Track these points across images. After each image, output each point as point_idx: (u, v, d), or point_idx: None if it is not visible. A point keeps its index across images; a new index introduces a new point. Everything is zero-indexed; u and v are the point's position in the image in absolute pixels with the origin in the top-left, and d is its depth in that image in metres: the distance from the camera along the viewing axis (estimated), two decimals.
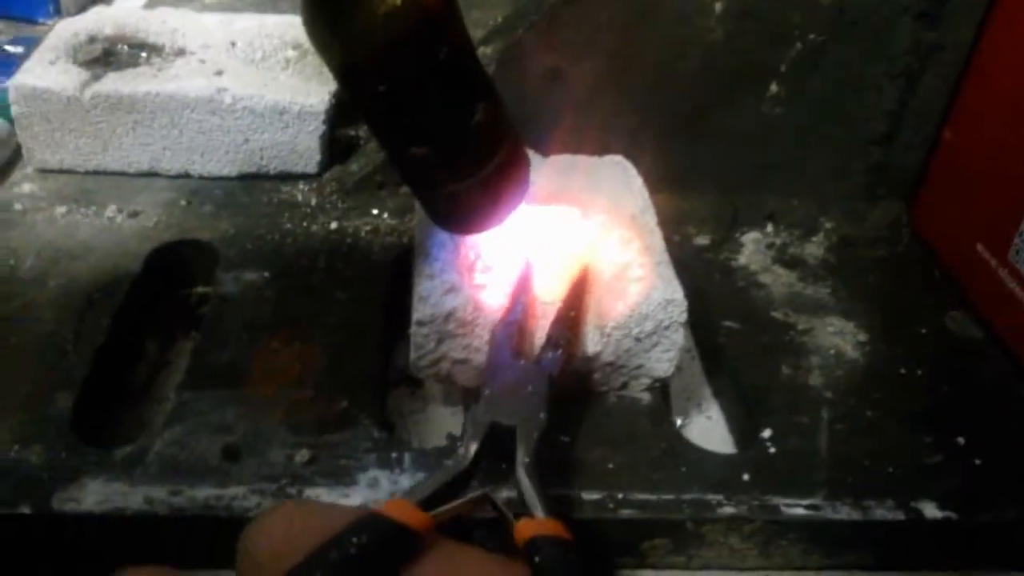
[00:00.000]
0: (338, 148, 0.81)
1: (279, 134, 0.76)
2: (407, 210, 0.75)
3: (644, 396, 0.60)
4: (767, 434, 0.58)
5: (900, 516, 0.53)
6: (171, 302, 0.72)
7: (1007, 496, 0.55)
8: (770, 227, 0.79)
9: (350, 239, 0.73)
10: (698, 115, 0.77)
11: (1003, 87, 0.71)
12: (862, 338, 0.68)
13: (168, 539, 0.51)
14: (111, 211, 0.74)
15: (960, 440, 0.59)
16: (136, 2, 1.07)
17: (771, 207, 0.80)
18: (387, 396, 0.64)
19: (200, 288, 0.72)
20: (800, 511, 0.53)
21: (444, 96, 0.49)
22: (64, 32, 0.81)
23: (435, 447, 0.58)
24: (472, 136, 0.51)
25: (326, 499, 0.51)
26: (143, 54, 0.80)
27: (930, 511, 0.54)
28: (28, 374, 0.58)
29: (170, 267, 0.71)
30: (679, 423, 0.65)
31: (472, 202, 0.54)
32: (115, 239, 0.71)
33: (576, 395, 0.59)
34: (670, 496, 0.53)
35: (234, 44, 0.82)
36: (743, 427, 0.63)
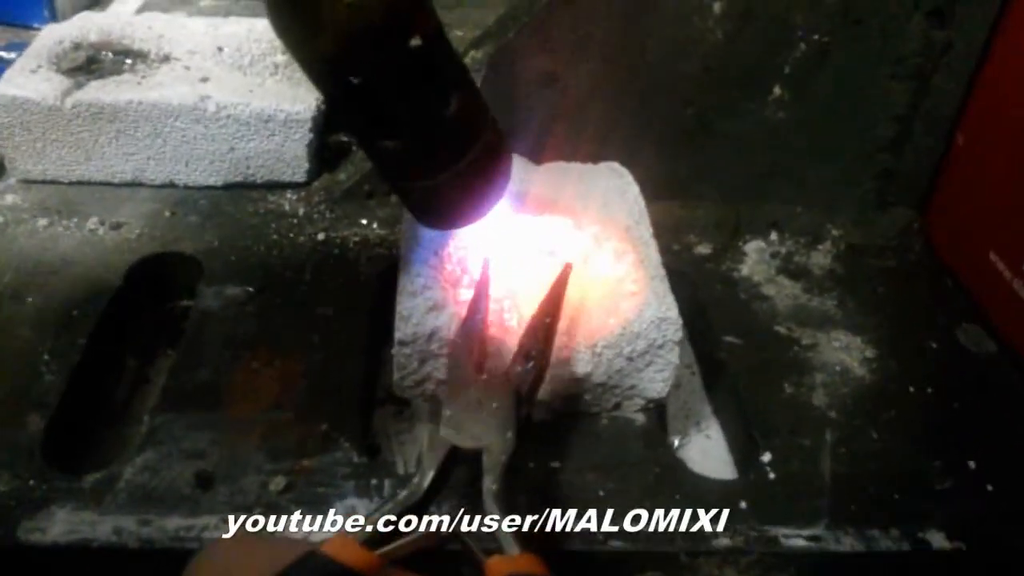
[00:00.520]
0: (329, 155, 0.79)
1: (265, 142, 0.74)
2: (396, 220, 0.72)
3: (638, 417, 0.58)
4: (767, 458, 0.56)
5: (906, 547, 0.51)
6: (153, 316, 0.70)
7: (1020, 525, 0.52)
8: (774, 235, 0.76)
9: (337, 250, 0.71)
10: (698, 119, 0.74)
11: (1017, 88, 0.68)
12: (869, 354, 0.65)
13: (137, 571, 0.49)
14: (93, 223, 0.72)
15: (971, 464, 0.56)
16: (130, 7, 1.06)
17: (775, 214, 0.77)
18: (372, 416, 0.61)
19: (184, 302, 0.70)
20: (800, 542, 0.51)
21: (415, 87, 0.46)
22: (48, 39, 0.79)
23: None
24: (447, 128, 0.49)
25: (302, 528, 0.49)
26: (128, 61, 0.78)
27: (938, 541, 0.51)
28: (0, 395, 0.56)
29: (152, 281, 0.69)
30: (677, 442, 0.63)
31: (450, 196, 0.52)
32: (96, 252, 0.69)
33: (565, 417, 0.57)
34: (663, 526, 0.51)
35: (221, 49, 0.80)
36: (743, 449, 0.60)
